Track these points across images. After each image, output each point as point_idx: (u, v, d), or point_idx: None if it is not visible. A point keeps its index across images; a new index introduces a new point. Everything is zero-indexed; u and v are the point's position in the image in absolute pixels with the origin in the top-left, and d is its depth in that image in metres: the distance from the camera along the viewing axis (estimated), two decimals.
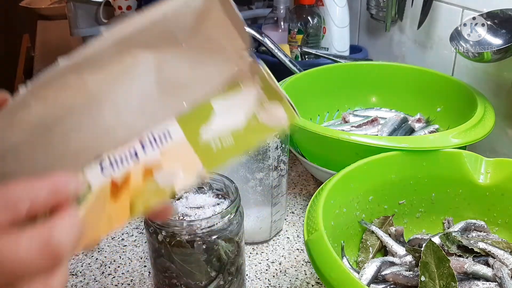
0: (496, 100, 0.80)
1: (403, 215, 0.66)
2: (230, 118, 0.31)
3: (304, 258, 0.67)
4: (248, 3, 1.59)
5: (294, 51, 1.13)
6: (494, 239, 0.60)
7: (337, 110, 0.94)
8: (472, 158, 0.63)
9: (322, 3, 1.11)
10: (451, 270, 0.50)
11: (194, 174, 0.31)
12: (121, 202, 0.30)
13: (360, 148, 0.65)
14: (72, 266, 0.66)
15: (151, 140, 0.31)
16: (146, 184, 0.30)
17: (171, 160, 0.31)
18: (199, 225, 0.49)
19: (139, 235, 0.72)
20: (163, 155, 0.31)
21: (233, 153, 0.32)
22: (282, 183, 0.66)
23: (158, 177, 0.31)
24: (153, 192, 0.30)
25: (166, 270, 0.52)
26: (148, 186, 0.30)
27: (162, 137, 0.31)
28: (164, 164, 0.30)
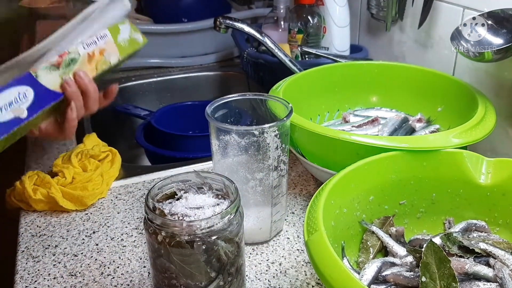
0: (497, 100, 0.79)
1: (404, 216, 0.66)
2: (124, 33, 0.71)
3: (304, 258, 0.66)
4: (248, 3, 1.59)
5: (294, 51, 1.13)
6: (495, 239, 0.60)
7: (337, 110, 0.94)
8: (473, 158, 0.63)
9: (322, 3, 1.11)
10: (452, 271, 0.50)
11: (115, 57, 0.70)
12: (91, 65, 0.68)
13: (361, 148, 0.65)
14: (71, 267, 0.66)
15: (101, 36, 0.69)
16: (101, 57, 0.69)
17: (109, 48, 0.70)
18: (198, 226, 0.49)
19: (139, 235, 0.72)
20: (106, 45, 0.69)
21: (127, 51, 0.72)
22: (282, 183, 0.66)
23: (105, 54, 0.69)
24: (102, 62, 0.69)
25: (165, 271, 0.52)
26: (101, 58, 0.69)
27: (104, 36, 0.69)
28: (106, 48, 0.69)
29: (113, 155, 0.86)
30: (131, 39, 0.72)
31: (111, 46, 0.70)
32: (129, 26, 0.73)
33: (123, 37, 0.71)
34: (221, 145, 0.63)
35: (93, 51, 0.68)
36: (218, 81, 1.39)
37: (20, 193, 0.76)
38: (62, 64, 0.66)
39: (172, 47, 1.41)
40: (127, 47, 0.72)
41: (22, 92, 0.62)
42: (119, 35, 0.71)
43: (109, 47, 0.70)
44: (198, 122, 1.08)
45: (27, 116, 0.62)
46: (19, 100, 0.62)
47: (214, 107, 0.65)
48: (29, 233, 0.72)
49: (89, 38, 0.68)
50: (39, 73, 0.64)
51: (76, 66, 0.67)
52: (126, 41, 0.71)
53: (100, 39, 0.69)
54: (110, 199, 0.80)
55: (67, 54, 0.66)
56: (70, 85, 0.66)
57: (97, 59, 0.69)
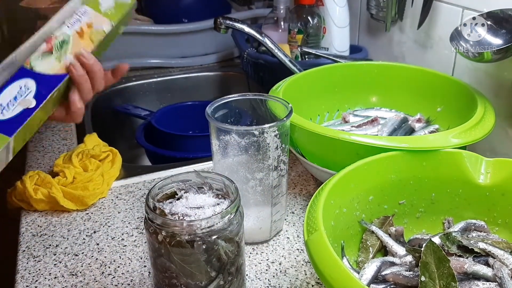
0: (496, 100, 0.80)
1: (403, 215, 0.66)
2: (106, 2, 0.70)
3: (304, 258, 0.67)
4: (248, 3, 1.59)
5: (294, 51, 1.13)
6: (494, 239, 0.60)
7: (337, 110, 0.94)
8: (472, 158, 0.63)
9: (322, 3, 1.11)
10: (451, 270, 0.50)
11: (108, 24, 0.70)
12: (85, 40, 0.68)
13: (360, 148, 0.65)
14: (72, 266, 0.66)
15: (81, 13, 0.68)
16: (90, 30, 0.68)
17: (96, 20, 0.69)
18: (199, 225, 0.49)
19: (139, 235, 0.72)
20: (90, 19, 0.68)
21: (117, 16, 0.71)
22: (282, 183, 0.66)
23: (93, 26, 0.68)
24: (95, 33, 0.68)
25: (166, 270, 0.52)
26: (91, 30, 0.68)
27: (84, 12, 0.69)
28: (92, 21, 0.68)
29: (114, 155, 0.86)
30: (117, 3, 0.72)
31: (96, 17, 0.70)
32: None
33: (106, 5, 0.71)
34: (221, 145, 0.63)
35: (81, 27, 0.68)
36: (218, 81, 1.39)
37: (21, 192, 0.76)
38: (53, 48, 0.66)
39: (172, 48, 1.42)
40: (116, 12, 0.72)
41: (22, 85, 0.63)
42: (100, 6, 0.71)
43: (95, 19, 0.70)
44: (198, 122, 1.08)
45: (36, 104, 0.63)
46: (22, 93, 0.63)
47: (214, 107, 0.65)
48: (30, 233, 0.72)
49: (70, 18, 0.68)
50: (33, 64, 0.64)
51: (70, 46, 0.67)
52: (111, 8, 0.71)
53: (82, 15, 0.69)
54: (111, 199, 0.80)
55: (54, 38, 0.66)
56: (77, 69, 0.66)
57: (88, 32, 0.69)
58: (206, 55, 1.45)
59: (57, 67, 0.65)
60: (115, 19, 0.71)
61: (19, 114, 0.62)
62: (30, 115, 0.62)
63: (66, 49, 0.66)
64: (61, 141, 0.98)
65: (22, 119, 0.62)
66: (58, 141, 0.98)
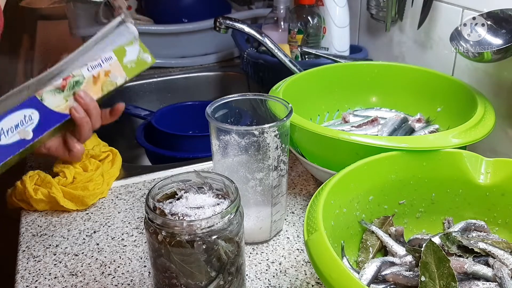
0: (496, 100, 0.80)
1: (403, 215, 0.66)
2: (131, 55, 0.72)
3: (304, 258, 0.67)
4: (248, 3, 1.59)
5: (294, 51, 1.13)
6: (494, 239, 0.60)
7: (337, 110, 0.94)
8: (472, 158, 0.63)
9: (322, 3, 1.11)
10: (451, 270, 0.50)
11: (122, 78, 0.72)
12: (96, 86, 0.70)
13: (360, 148, 0.65)
14: (72, 266, 0.66)
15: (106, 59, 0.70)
16: (106, 78, 0.70)
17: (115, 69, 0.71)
18: (199, 225, 0.49)
19: (139, 235, 0.72)
20: (110, 66, 0.70)
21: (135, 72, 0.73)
22: (282, 183, 0.66)
23: (110, 76, 0.71)
24: (108, 83, 0.71)
25: (166, 270, 0.52)
26: (107, 79, 0.70)
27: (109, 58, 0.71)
28: (111, 70, 0.71)
29: (114, 155, 0.86)
30: (139, 60, 0.73)
31: (116, 67, 0.71)
32: (138, 47, 0.73)
33: (129, 58, 0.72)
34: (221, 145, 0.63)
35: (98, 73, 0.70)
36: (218, 81, 1.39)
37: (21, 192, 0.76)
38: (66, 87, 0.68)
39: (173, 48, 1.42)
40: (134, 68, 0.73)
41: (28, 114, 0.65)
42: (125, 57, 0.72)
43: (115, 68, 0.71)
44: (198, 122, 1.09)
45: (32, 138, 0.66)
46: (24, 122, 0.65)
47: (214, 107, 0.65)
48: (30, 233, 0.72)
49: (94, 61, 0.70)
50: (44, 96, 0.66)
51: (80, 88, 0.69)
52: (133, 62, 0.73)
53: (105, 62, 0.70)
54: (111, 199, 0.80)
55: (71, 77, 0.68)
56: (78, 111, 0.68)
57: (102, 80, 0.70)
58: (206, 55, 1.45)
59: (62, 106, 0.68)
60: (131, 75, 0.73)
61: (15, 143, 0.64)
62: (23, 146, 0.65)
63: (75, 91, 0.69)
64: None
65: (15, 149, 0.64)
66: None
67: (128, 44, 0.72)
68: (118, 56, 0.71)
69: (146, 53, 0.74)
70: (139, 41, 0.74)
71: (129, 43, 0.73)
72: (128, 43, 0.72)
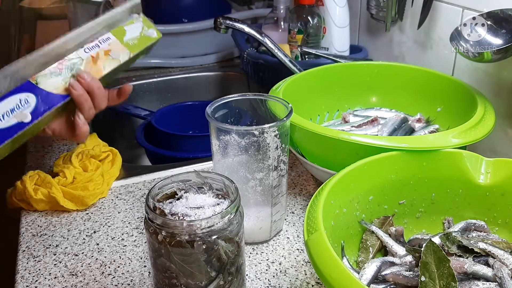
0: (496, 100, 0.80)
1: (403, 215, 0.66)
2: (132, 33, 0.70)
3: (304, 258, 0.67)
4: (248, 3, 1.59)
5: (294, 51, 1.13)
6: (494, 239, 0.60)
7: (337, 110, 0.94)
8: (472, 158, 0.63)
9: (322, 3, 1.11)
10: (451, 270, 0.50)
11: (126, 54, 0.69)
12: (97, 66, 0.67)
13: (360, 148, 0.65)
14: (72, 266, 0.66)
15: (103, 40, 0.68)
16: (106, 57, 0.68)
17: (115, 48, 0.69)
18: (199, 225, 0.49)
19: (139, 235, 0.72)
20: (109, 46, 0.68)
21: (139, 47, 0.71)
22: (282, 183, 0.66)
23: (111, 54, 0.68)
24: (110, 60, 0.68)
25: (166, 270, 0.52)
26: (107, 58, 0.68)
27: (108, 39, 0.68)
28: (111, 49, 0.68)
29: (114, 155, 0.86)
30: (142, 36, 0.72)
31: (117, 46, 0.69)
32: (140, 24, 0.72)
33: (131, 36, 0.71)
34: (221, 145, 0.63)
35: (97, 53, 0.68)
36: (218, 81, 1.39)
37: (21, 192, 0.76)
38: (63, 70, 0.66)
39: (173, 48, 1.42)
40: (138, 44, 0.71)
41: (23, 98, 0.63)
42: (125, 36, 0.70)
43: (115, 47, 0.69)
44: (198, 122, 1.08)
45: (30, 120, 0.63)
46: (21, 106, 0.63)
47: (214, 107, 0.65)
48: (30, 233, 0.72)
49: (90, 43, 0.68)
50: (39, 80, 0.64)
51: (81, 69, 0.67)
52: (135, 39, 0.71)
53: (102, 42, 0.68)
54: (111, 199, 0.80)
55: (66, 60, 0.66)
56: (76, 88, 0.66)
57: (103, 59, 0.69)
58: (206, 55, 1.45)
59: (61, 87, 0.66)
60: (135, 50, 0.71)
61: (12, 127, 0.62)
62: (22, 129, 0.62)
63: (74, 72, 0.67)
64: (61, 141, 0.98)
65: (13, 132, 0.62)
66: (58, 141, 0.98)
67: (128, 24, 0.71)
68: (117, 36, 0.70)
69: (150, 28, 0.73)
70: (143, 17, 0.73)
71: (129, 23, 0.71)
72: (128, 23, 0.71)
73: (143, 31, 0.72)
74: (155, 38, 0.73)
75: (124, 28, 0.71)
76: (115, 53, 0.69)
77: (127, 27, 0.71)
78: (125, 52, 0.70)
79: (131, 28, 0.71)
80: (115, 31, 0.70)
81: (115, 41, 0.69)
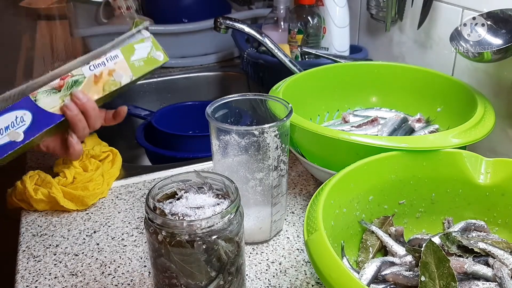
0: (496, 100, 0.80)
1: (403, 215, 0.66)
2: (140, 53, 0.69)
3: (304, 258, 0.67)
4: (248, 3, 1.59)
5: (294, 51, 1.13)
6: (494, 239, 0.60)
7: (337, 110, 0.94)
8: (472, 158, 0.63)
9: (322, 3, 1.11)
10: (451, 270, 0.51)
11: (128, 77, 0.68)
12: (97, 86, 0.66)
13: (360, 148, 0.65)
14: (72, 266, 0.66)
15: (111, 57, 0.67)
16: (109, 77, 0.67)
17: (119, 68, 0.67)
18: (199, 225, 0.49)
19: (139, 235, 0.72)
20: (115, 65, 0.67)
21: (144, 70, 0.70)
22: (282, 183, 0.66)
23: (114, 74, 0.67)
24: (110, 83, 0.67)
25: (166, 270, 0.52)
26: (110, 79, 0.67)
27: (116, 57, 0.67)
28: (116, 69, 0.67)
29: (114, 155, 0.86)
30: (149, 58, 0.70)
31: (122, 66, 0.68)
32: (149, 44, 0.71)
33: (138, 56, 0.69)
34: (221, 145, 0.63)
35: (101, 72, 0.66)
36: (218, 81, 1.39)
37: (21, 192, 0.76)
38: (64, 87, 0.65)
39: (173, 48, 1.42)
40: (143, 66, 0.70)
41: (19, 116, 0.62)
42: (133, 55, 0.68)
43: (120, 67, 0.68)
44: (198, 122, 1.09)
45: (23, 140, 0.63)
46: (16, 124, 0.62)
47: (215, 107, 0.65)
48: (30, 233, 0.72)
49: (97, 60, 0.67)
50: (38, 97, 0.64)
51: (80, 88, 0.66)
52: (141, 60, 0.69)
53: (110, 60, 0.67)
54: (111, 199, 0.80)
55: (70, 76, 0.65)
56: (70, 108, 0.65)
57: (105, 79, 0.67)
58: (206, 55, 1.45)
59: (57, 106, 0.65)
60: (138, 74, 0.69)
61: (3, 145, 0.61)
62: (13, 148, 0.62)
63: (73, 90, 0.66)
64: None
65: (4, 151, 0.62)
66: None
67: (138, 42, 0.69)
68: (125, 54, 0.68)
69: (158, 51, 0.71)
70: (152, 38, 0.71)
71: (139, 41, 0.70)
72: (139, 41, 0.69)
73: (151, 52, 0.70)
74: (161, 61, 0.72)
75: (134, 46, 0.69)
76: (119, 74, 0.67)
77: (137, 46, 0.69)
78: (128, 74, 0.68)
79: (140, 47, 0.69)
80: (124, 49, 0.68)
81: (122, 61, 0.67)
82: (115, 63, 0.67)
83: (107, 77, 0.67)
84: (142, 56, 0.69)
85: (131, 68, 0.68)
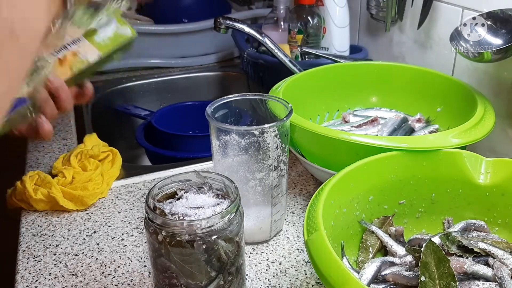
0: (496, 100, 0.80)
1: (403, 215, 0.66)
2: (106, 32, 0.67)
3: (304, 258, 0.67)
4: (248, 3, 1.59)
5: (294, 51, 1.13)
6: (494, 239, 0.60)
7: (337, 110, 0.94)
8: (472, 158, 0.63)
9: (322, 3, 1.11)
10: (451, 270, 0.51)
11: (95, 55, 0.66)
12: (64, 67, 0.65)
13: (360, 148, 0.65)
14: (72, 266, 0.66)
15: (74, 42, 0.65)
16: (75, 58, 0.65)
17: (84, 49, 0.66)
18: (199, 225, 0.49)
19: (139, 235, 0.72)
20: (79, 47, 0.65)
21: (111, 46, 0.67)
22: (282, 183, 0.66)
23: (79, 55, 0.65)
24: (77, 62, 0.65)
25: (166, 270, 0.52)
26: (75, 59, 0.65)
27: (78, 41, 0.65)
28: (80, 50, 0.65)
29: (114, 155, 0.86)
30: (116, 35, 0.69)
31: (86, 46, 0.68)
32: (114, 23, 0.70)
33: (103, 35, 0.68)
34: (221, 145, 0.63)
35: (64, 55, 0.66)
36: (218, 81, 1.39)
37: (21, 193, 0.76)
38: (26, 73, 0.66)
39: (173, 48, 1.42)
40: (110, 43, 0.69)
41: None
42: (96, 36, 0.68)
43: (84, 48, 0.67)
44: (198, 122, 1.09)
45: None
46: None
47: (214, 107, 0.65)
48: (30, 233, 0.72)
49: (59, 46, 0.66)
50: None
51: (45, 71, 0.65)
52: (107, 38, 0.68)
53: (72, 44, 0.67)
54: (111, 199, 0.80)
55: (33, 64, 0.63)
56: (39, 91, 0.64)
57: (70, 60, 0.67)
58: (206, 55, 1.45)
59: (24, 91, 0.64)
60: (106, 50, 0.69)
61: None
62: None
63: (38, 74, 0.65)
64: (61, 141, 0.98)
65: None
66: (58, 141, 0.98)
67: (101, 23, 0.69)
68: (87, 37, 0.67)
69: (124, 25, 0.70)
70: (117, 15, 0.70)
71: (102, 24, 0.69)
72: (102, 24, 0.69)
73: (117, 29, 0.69)
74: (128, 37, 0.70)
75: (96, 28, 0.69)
76: (84, 53, 0.67)
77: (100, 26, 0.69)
78: (95, 53, 0.68)
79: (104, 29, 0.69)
80: (86, 32, 0.68)
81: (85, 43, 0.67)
82: (78, 46, 0.67)
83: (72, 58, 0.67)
84: (107, 34, 0.68)
85: (97, 47, 0.68)
